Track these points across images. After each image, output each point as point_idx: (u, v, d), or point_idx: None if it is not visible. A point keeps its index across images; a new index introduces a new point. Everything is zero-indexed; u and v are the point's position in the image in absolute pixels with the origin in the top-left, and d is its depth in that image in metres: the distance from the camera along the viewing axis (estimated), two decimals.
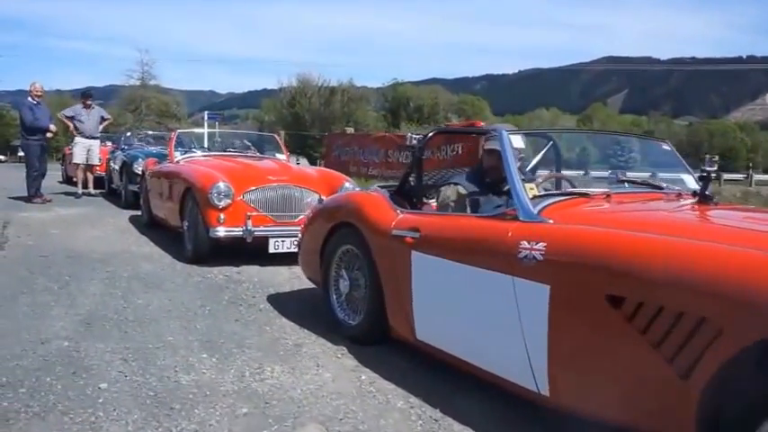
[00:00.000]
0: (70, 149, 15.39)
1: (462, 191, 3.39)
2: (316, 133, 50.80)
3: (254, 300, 4.60)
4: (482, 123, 10.63)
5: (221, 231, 5.51)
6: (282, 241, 5.70)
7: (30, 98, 10.02)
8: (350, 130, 15.56)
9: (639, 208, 2.88)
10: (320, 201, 5.92)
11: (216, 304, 4.43)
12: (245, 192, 5.70)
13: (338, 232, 3.80)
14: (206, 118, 24.89)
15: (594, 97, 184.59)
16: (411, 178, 3.81)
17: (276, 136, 8.00)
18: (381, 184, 4.42)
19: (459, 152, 10.64)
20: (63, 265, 5.52)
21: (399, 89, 68.18)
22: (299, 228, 5.72)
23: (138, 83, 51.27)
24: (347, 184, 6.12)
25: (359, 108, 55.93)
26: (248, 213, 5.58)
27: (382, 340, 3.53)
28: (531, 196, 2.78)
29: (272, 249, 5.68)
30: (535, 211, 2.68)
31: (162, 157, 9.58)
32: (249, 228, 5.53)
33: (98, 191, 11.63)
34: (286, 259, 5.87)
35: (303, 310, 4.36)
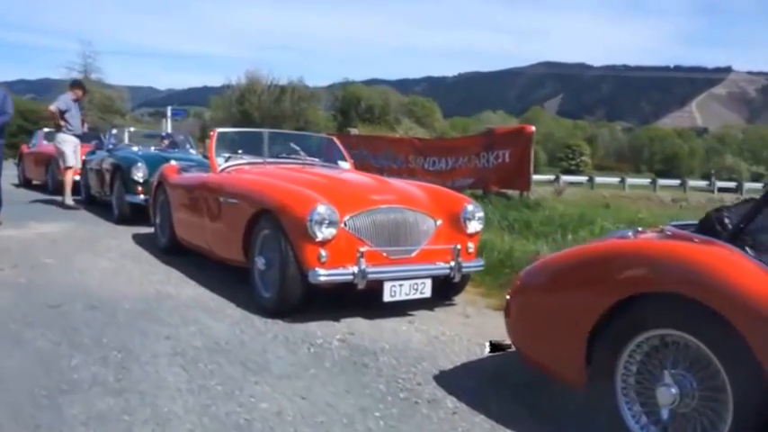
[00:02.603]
0: (29, 148, 13.24)
1: None
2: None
3: (425, 390, 2.99)
4: (532, 128, 9.23)
5: (324, 274, 3.84)
6: (400, 285, 4.10)
7: None
8: (354, 131, 13.88)
9: None
10: (436, 227, 4.40)
11: (379, 403, 2.80)
12: (347, 218, 4.06)
13: (637, 308, 2.27)
14: (169, 114, 22.78)
15: (531, 101, 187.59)
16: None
17: (335, 138, 6.32)
18: (676, 222, 2.84)
19: (506, 159, 9.25)
20: (92, 323, 3.76)
21: (350, 89, 66.60)
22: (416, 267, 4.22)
23: (79, 76, 48.09)
24: (470, 207, 4.54)
25: (309, 107, 54.23)
26: (360, 249, 3.94)
27: None
28: None
29: (387, 297, 4.06)
30: None
31: (163, 161, 7.80)
32: (363, 268, 3.90)
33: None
34: (398, 309, 4.29)
35: (524, 409, 2.79)
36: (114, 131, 9.67)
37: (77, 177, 10.09)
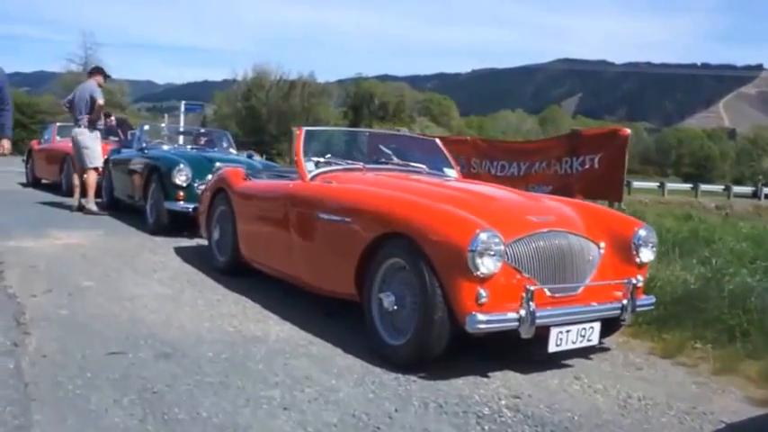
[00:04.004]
0: (40, 144, 12.48)
1: None
2: (273, 129, 48.06)
3: None
4: (628, 132, 8.37)
5: (484, 321, 3.02)
6: (567, 332, 3.29)
7: None
8: (403, 130, 13.08)
9: None
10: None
11: None
12: (507, 246, 3.24)
13: None
14: (182, 109, 22.02)
15: (548, 99, 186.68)
16: None
17: (437, 140, 5.51)
18: None
19: (595, 165, 8.36)
20: (174, 383, 2.94)
21: (363, 85, 66.03)
22: (584, 308, 3.42)
23: (79, 68, 47.64)
24: (642, 232, 3.72)
25: (320, 103, 53.73)
26: (528, 287, 3.12)
27: None
28: None
29: (553, 346, 3.26)
30: None
31: (206, 162, 7.06)
32: (533, 311, 3.08)
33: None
34: (556, 359, 3.48)
35: None
36: (146, 127, 8.85)
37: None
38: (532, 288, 3.11)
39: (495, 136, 52.60)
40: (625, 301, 3.52)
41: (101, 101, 8.04)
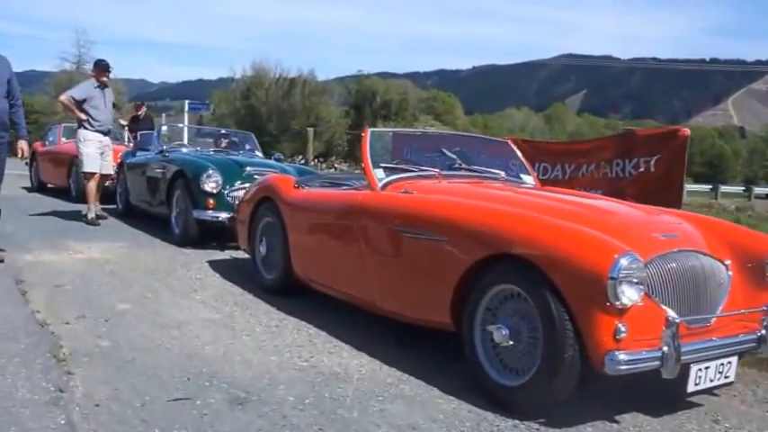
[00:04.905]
0: (44, 146, 12.08)
1: None
2: (273, 128, 47.68)
3: None
4: (688, 132, 7.99)
5: (624, 361, 2.61)
6: (706, 368, 2.90)
7: None
8: (430, 129, 12.67)
9: None
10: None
11: None
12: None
13: None
14: (186, 108, 21.58)
15: (552, 96, 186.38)
16: None
17: (510, 142, 5.13)
18: None
19: (651, 169, 7.97)
20: None
21: (365, 82, 65.57)
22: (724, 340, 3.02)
23: (73, 67, 47.31)
24: None
25: (321, 102, 53.40)
26: (671, 318, 2.72)
27: None
28: None
29: (692, 386, 2.87)
30: None
31: (236, 167, 6.68)
32: (677, 346, 2.68)
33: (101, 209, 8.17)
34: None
35: None
36: (164, 128, 8.44)
37: (107, 183, 8.91)
38: (677, 320, 2.71)
39: (501, 135, 52.30)
40: (764, 331, 3.12)
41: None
